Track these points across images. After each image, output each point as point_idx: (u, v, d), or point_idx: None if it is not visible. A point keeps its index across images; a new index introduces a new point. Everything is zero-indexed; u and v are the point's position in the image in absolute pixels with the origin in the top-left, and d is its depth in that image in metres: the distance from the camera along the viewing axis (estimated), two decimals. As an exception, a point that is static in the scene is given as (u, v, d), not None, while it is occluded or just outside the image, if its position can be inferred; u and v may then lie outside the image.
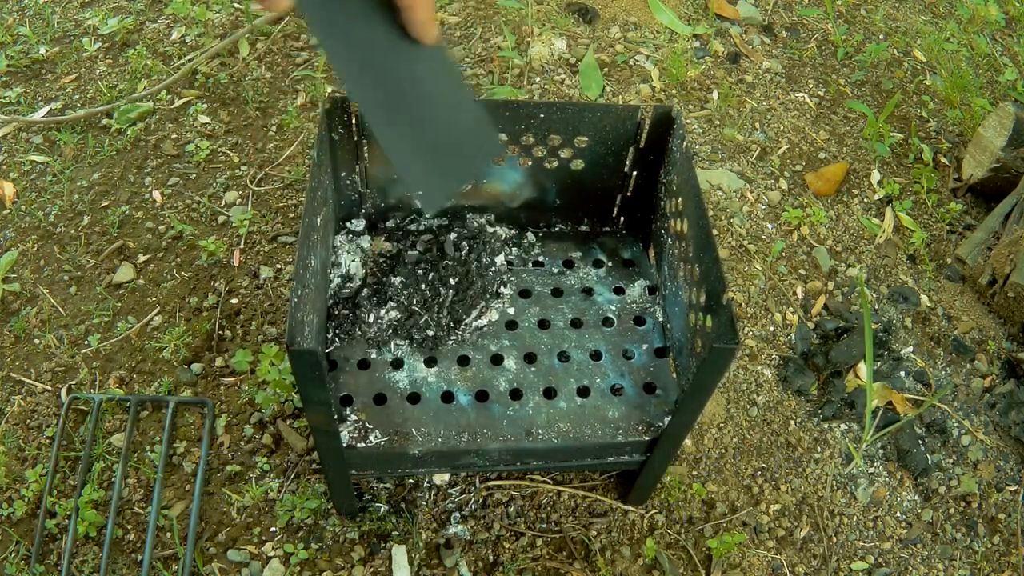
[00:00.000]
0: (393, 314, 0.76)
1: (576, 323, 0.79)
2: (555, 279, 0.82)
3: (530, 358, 0.76)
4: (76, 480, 0.85)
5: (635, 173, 0.82)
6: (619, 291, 0.82)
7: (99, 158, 1.17)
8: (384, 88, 0.50)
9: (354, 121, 0.75)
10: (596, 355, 0.76)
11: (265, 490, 0.85)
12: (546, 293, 0.81)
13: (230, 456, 0.88)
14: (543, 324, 0.78)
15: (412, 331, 0.75)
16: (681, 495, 0.89)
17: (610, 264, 0.84)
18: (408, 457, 0.69)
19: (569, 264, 0.84)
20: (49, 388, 0.93)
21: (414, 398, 0.72)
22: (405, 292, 0.78)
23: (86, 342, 0.97)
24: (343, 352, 0.74)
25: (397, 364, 0.74)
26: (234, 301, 1.01)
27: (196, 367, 0.94)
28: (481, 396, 0.72)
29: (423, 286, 0.78)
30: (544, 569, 0.83)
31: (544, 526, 0.86)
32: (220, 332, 0.98)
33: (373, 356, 0.74)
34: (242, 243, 1.07)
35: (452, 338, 0.76)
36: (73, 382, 0.93)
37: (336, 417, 0.68)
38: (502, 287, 0.80)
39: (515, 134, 0.78)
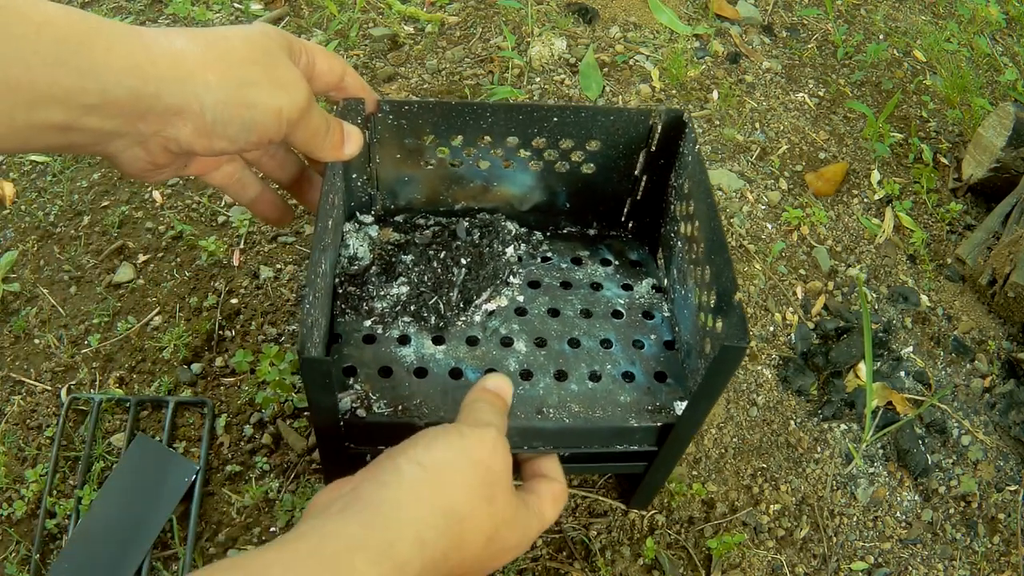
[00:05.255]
0: (403, 289, 0.75)
1: (586, 313, 0.78)
2: (563, 273, 0.82)
3: (540, 342, 0.75)
4: (76, 480, 0.85)
5: (645, 177, 0.82)
6: (627, 287, 0.82)
7: (99, 158, 1.17)
8: None
9: (366, 123, 0.74)
10: (606, 343, 0.76)
11: (265, 490, 0.85)
12: (555, 285, 0.81)
13: (230, 456, 0.88)
14: (553, 312, 0.78)
15: (421, 310, 0.75)
16: (681, 495, 0.89)
17: (617, 263, 0.84)
18: (414, 430, 0.68)
19: (577, 261, 0.84)
20: (49, 388, 0.93)
21: (421, 372, 0.71)
22: (415, 269, 0.77)
23: (86, 342, 0.97)
24: (349, 326, 0.74)
25: (404, 340, 0.73)
26: (234, 301, 1.01)
27: (196, 367, 0.94)
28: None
29: (434, 264, 0.78)
30: (544, 569, 0.83)
31: (544, 526, 0.86)
32: (220, 332, 0.98)
33: (380, 332, 0.74)
34: (242, 243, 1.07)
35: (461, 319, 0.75)
36: (73, 382, 0.93)
37: (338, 387, 0.68)
38: (511, 277, 0.80)
39: (527, 137, 0.77)
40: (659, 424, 0.70)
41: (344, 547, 0.42)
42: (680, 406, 0.71)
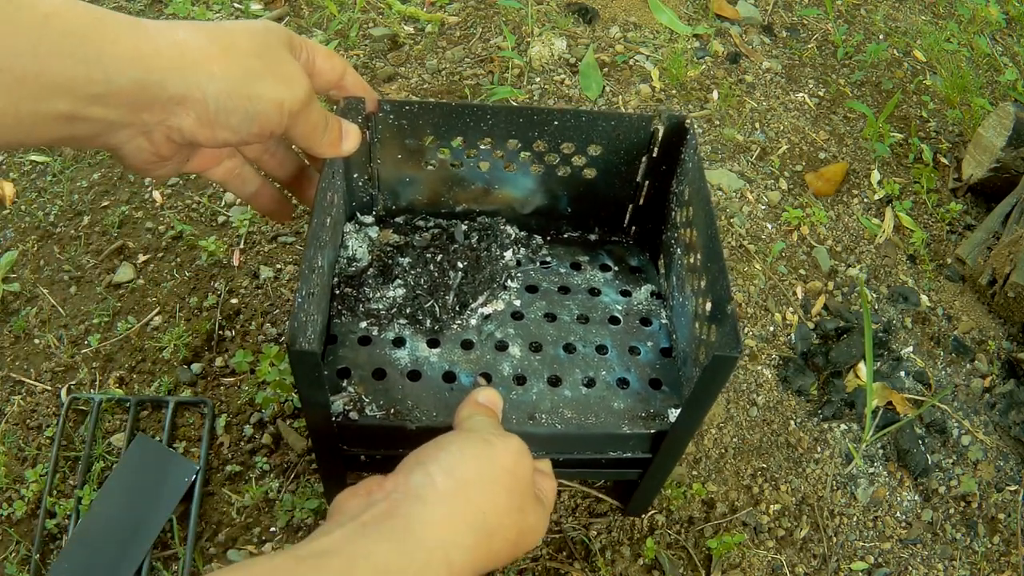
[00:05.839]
0: (399, 291, 0.75)
1: (583, 319, 0.78)
2: (562, 278, 0.82)
3: (535, 347, 0.75)
4: (76, 480, 0.85)
5: (647, 183, 0.81)
6: (625, 293, 0.82)
7: (99, 158, 1.17)
8: None
9: (366, 123, 0.74)
10: (602, 349, 0.76)
11: (265, 490, 0.85)
12: (553, 290, 0.80)
13: (230, 456, 0.88)
14: (550, 317, 0.78)
15: (416, 312, 0.74)
16: (681, 495, 0.89)
17: (616, 269, 0.84)
18: (406, 433, 0.68)
19: (576, 266, 0.84)
20: (49, 388, 0.93)
21: (414, 375, 0.71)
22: (412, 272, 0.77)
23: (86, 342, 0.97)
24: (345, 327, 0.74)
25: (399, 343, 0.73)
26: (234, 301, 1.01)
27: (196, 367, 0.94)
28: (484, 379, 0.72)
29: (431, 267, 0.78)
30: (544, 569, 0.83)
31: (544, 526, 0.86)
32: (220, 332, 0.98)
33: (375, 333, 0.74)
34: (242, 243, 1.07)
35: (457, 323, 0.75)
36: (73, 382, 0.93)
37: (331, 388, 0.68)
38: (509, 281, 0.80)
39: (528, 140, 0.77)
40: (652, 431, 0.70)
41: (374, 571, 0.43)
42: (674, 413, 0.71)
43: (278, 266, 1.05)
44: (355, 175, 0.79)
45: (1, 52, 0.42)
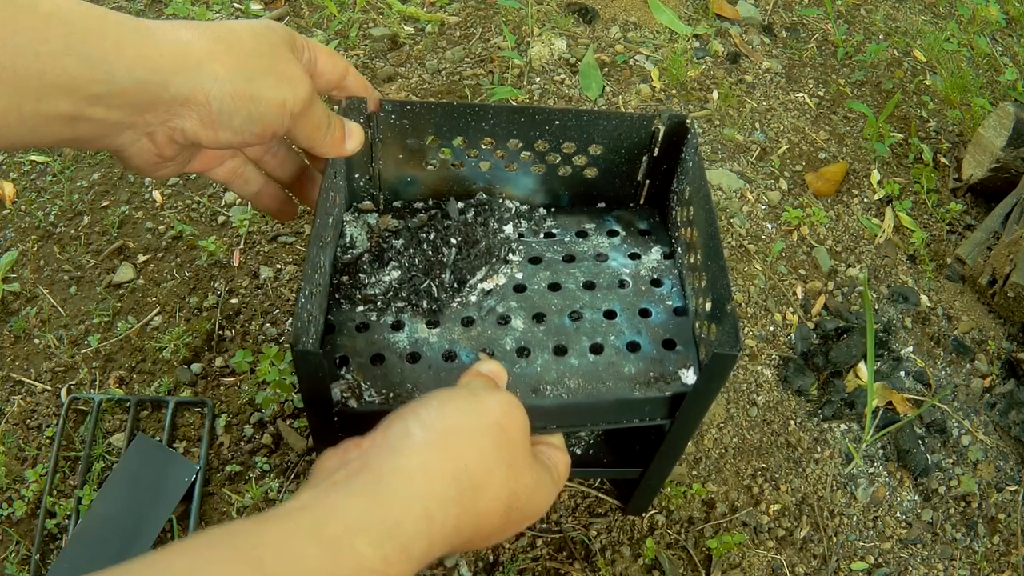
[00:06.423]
0: (395, 274, 0.74)
1: (589, 285, 0.76)
2: (567, 247, 0.79)
3: (539, 318, 0.72)
4: (76, 480, 0.85)
5: (647, 182, 0.81)
6: (634, 256, 0.79)
7: (99, 158, 1.17)
8: None
9: (368, 123, 0.74)
10: (610, 314, 0.73)
11: (265, 490, 0.85)
12: (557, 259, 0.78)
13: (230, 456, 0.88)
14: (554, 287, 0.75)
15: (412, 295, 0.73)
16: (681, 495, 0.89)
17: (624, 234, 0.82)
18: None
19: (582, 234, 0.81)
20: (49, 388, 0.93)
21: (413, 357, 0.69)
22: (406, 253, 0.76)
23: (86, 342, 0.97)
24: (343, 316, 0.73)
25: (397, 326, 0.72)
26: (234, 301, 1.01)
27: (196, 367, 0.94)
28: (486, 355, 0.70)
29: (425, 246, 0.76)
30: (544, 569, 0.83)
31: (544, 526, 0.86)
32: (220, 332, 0.98)
33: (373, 319, 0.73)
34: (242, 243, 1.07)
35: (456, 301, 0.74)
36: (73, 382, 0.93)
37: (329, 378, 0.67)
38: (511, 254, 0.78)
39: (529, 139, 0.77)
40: (668, 394, 0.66)
41: (345, 528, 0.40)
42: (689, 374, 0.68)
43: (278, 266, 1.05)
44: (356, 175, 0.79)
45: (2, 51, 0.42)
